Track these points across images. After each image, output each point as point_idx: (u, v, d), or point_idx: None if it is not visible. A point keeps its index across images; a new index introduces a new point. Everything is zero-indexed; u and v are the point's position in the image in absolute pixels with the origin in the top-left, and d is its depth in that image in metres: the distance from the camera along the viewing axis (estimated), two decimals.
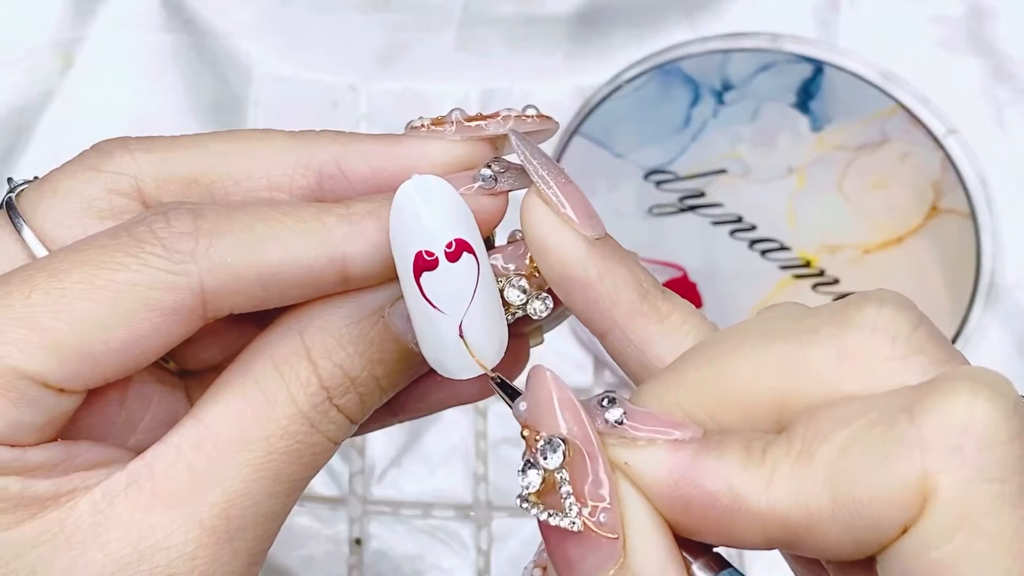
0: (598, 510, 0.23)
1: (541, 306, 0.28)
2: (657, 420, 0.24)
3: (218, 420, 0.27)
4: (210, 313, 0.27)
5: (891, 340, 0.22)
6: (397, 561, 0.51)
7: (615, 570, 0.23)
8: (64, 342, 0.25)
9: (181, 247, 0.26)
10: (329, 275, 0.27)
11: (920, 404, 0.21)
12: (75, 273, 0.26)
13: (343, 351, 0.28)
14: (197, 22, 0.58)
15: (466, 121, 0.29)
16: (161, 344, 0.27)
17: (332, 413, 0.28)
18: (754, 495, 0.22)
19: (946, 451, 0.21)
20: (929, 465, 0.21)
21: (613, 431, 0.24)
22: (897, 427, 0.21)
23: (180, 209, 0.27)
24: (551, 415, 0.23)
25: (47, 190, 0.29)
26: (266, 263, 0.27)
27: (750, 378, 0.23)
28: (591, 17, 0.59)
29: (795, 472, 0.22)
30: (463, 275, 0.26)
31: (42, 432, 0.26)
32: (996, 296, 0.54)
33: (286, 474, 0.27)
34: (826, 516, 0.22)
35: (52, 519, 0.26)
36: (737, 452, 0.23)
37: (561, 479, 0.23)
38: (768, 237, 0.55)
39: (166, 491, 0.26)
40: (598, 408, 0.24)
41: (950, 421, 0.21)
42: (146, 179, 0.29)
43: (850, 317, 0.23)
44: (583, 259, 0.26)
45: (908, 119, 0.56)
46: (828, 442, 0.22)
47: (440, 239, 0.26)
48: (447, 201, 0.26)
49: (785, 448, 0.22)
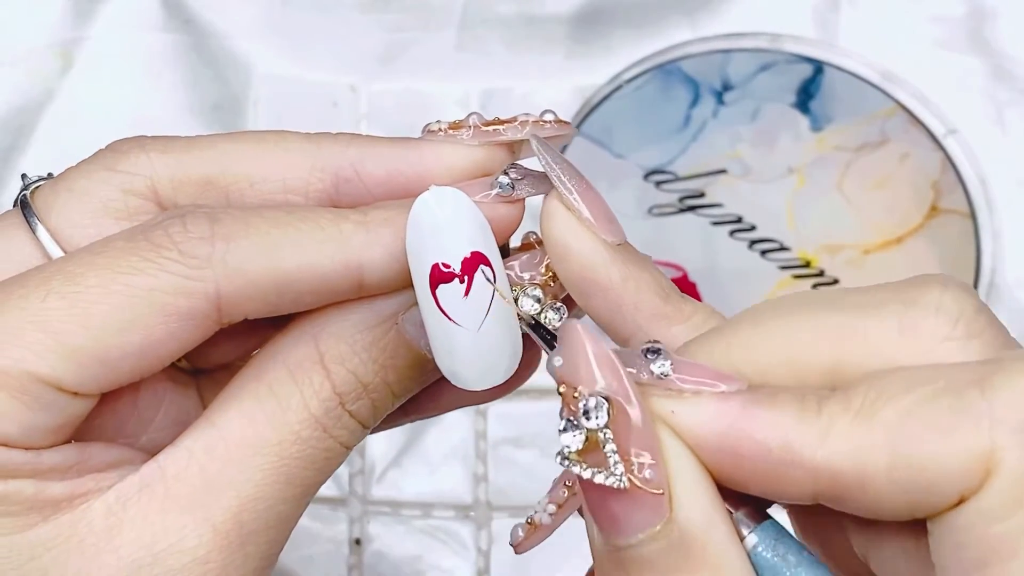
0: (644, 467, 0.23)
1: (555, 316, 0.28)
2: (704, 371, 0.24)
3: (231, 424, 0.27)
4: (225, 318, 0.27)
5: (954, 321, 0.23)
6: (397, 561, 0.51)
7: (662, 525, 0.23)
8: (79, 346, 0.25)
9: (198, 252, 0.26)
10: (345, 282, 0.27)
11: (991, 379, 0.21)
12: (91, 277, 0.26)
13: (356, 357, 0.28)
14: (197, 22, 0.58)
15: (484, 126, 0.29)
16: (176, 349, 0.27)
17: (345, 419, 0.28)
18: (809, 448, 0.22)
19: (1015, 427, 0.21)
20: (997, 439, 0.21)
21: (659, 383, 0.23)
22: (966, 398, 0.21)
23: (197, 213, 0.27)
24: (588, 371, 0.23)
25: (62, 189, 0.29)
26: (282, 269, 0.26)
27: (808, 342, 0.23)
28: (591, 17, 0.59)
29: (854, 429, 0.22)
30: (479, 288, 0.26)
31: (56, 435, 0.26)
32: (996, 296, 0.54)
33: (298, 478, 0.27)
34: (882, 476, 0.22)
35: (65, 522, 0.26)
36: (791, 404, 0.23)
37: (605, 437, 0.23)
38: (768, 237, 0.55)
39: (179, 494, 0.26)
40: (642, 359, 0.24)
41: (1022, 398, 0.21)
42: (162, 180, 0.29)
43: (916, 295, 0.23)
44: (605, 263, 0.26)
45: (908, 119, 0.56)
46: (892, 403, 0.22)
47: (458, 252, 0.26)
48: (465, 213, 0.26)
49: (843, 404, 0.22)
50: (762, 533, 0.24)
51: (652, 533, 0.23)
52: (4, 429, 0.25)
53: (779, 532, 0.24)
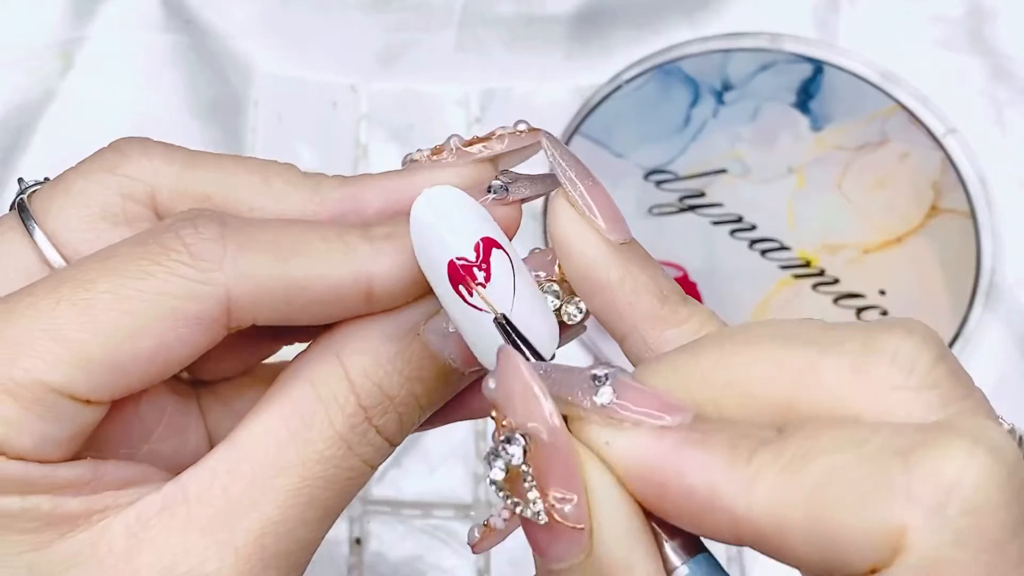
0: (564, 501, 0.23)
1: (575, 310, 0.27)
2: (650, 400, 0.23)
3: (255, 444, 0.27)
4: (233, 323, 0.27)
5: (908, 371, 0.22)
6: (397, 561, 0.51)
7: (583, 558, 0.23)
8: (91, 354, 0.25)
9: (208, 255, 0.26)
10: (353, 293, 0.27)
11: (915, 452, 0.20)
12: (101, 283, 0.25)
13: (381, 369, 0.27)
14: (197, 22, 0.58)
15: (464, 147, 0.29)
16: (187, 354, 0.26)
17: (371, 435, 0.28)
18: (733, 497, 0.22)
19: (928, 508, 0.20)
20: (908, 518, 0.20)
21: (600, 411, 0.23)
22: (888, 470, 0.20)
23: (208, 215, 0.27)
24: (516, 403, 0.23)
25: (60, 192, 0.28)
26: (291, 276, 0.26)
27: (764, 375, 0.23)
28: (591, 17, 0.59)
29: (778, 483, 0.21)
30: (500, 270, 0.26)
31: (68, 446, 0.26)
32: (996, 296, 0.54)
33: (320, 500, 0.27)
34: (799, 533, 0.21)
35: (84, 540, 0.25)
36: (724, 449, 0.22)
37: (524, 472, 0.23)
38: (768, 237, 0.55)
39: (201, 515, 0.26)
40: (589, 383, 0.24)
41: (939, 478, 0.20)
42: (162, 189, 0.28)
43: (876, 340, 0.22)
44: (605, 262, 0.26)
45: (908, 119, 0.56)
46: (818, 462, 0.21)
47: (468, 241, 0.26)
48: (463, 203, 0.26)
49: (774, 455, 0.22)
50: (694, 566, 0.24)
51: (574, 564, 0.23)
52: (19, 443, 0.25)
53: (712, 566, 0.24)
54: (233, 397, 0.32)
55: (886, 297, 0.53)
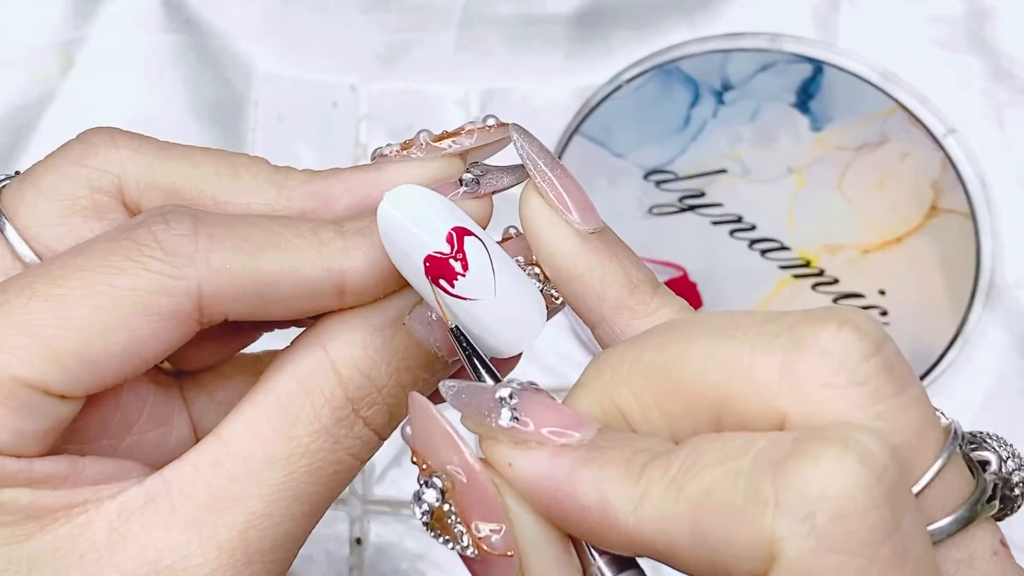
0: (490, 532, 0.23)
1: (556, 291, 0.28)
2: (556, 417, 0.23)
3: (238, 438, 0.27)
4: (205, 318, 0.27)
5: (837, 367, 0.22)
6: (397, 561, 0.51)
7: None
8: (65, 349, 0.25)
9: (180, 250, 0.26)
10: (325, 287, 0.27)
11: (785, 464, 0.20)
12: (74, 279, 0.25)
13: (369, 360, 0.27)
14: (197, 22, 0.58)
15: (433, 142, 0.29)
16: (160, 349, 0.26)
17: (358, 427, 0.28)
18: (622, 513, 0.22)
19: (797, 518, 0.20)
20: (777, 529, 0.20)
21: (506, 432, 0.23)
22: (759, 483, 0.21)
23: (180, 211, 0.27)
24: (433, 447, 0.24)
25: (29, 187, 0.28)
26: (264, 271, 0.26)
27: (698, 372, 0.23)
28: (591, 17, 0.59)
29: (664, 499, 0.22)
30: (475, 256, 0.26)
31: (44, 440, 0.26)
32: (996, 296, 0.54)
33: (307, 494, 0.27)
34: (686, 546, 0.21)
35: (64, 534, 0.25)
36: (618, 465, 0.22)
37: (448, 511, 0.23)
38: (768, 237, 0.55)
39: (184, 510, 0.26)
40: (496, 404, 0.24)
41: (807, 487, 0.20)
42: (129, 180, 0.29)
43: (808, 334, 0.22)
44: (573, 252, 0.26)
45: (908, 119, 0.56)
46: (698, 478, 0.21)
47: (438, 237, 0.26)
48: (427, 199, 0.26)
49: (662, 471, 0.22)
50: None
51: None
52: None
53: None
54: (216, 386, 0.32)
55: (886, 297, 0.53)
